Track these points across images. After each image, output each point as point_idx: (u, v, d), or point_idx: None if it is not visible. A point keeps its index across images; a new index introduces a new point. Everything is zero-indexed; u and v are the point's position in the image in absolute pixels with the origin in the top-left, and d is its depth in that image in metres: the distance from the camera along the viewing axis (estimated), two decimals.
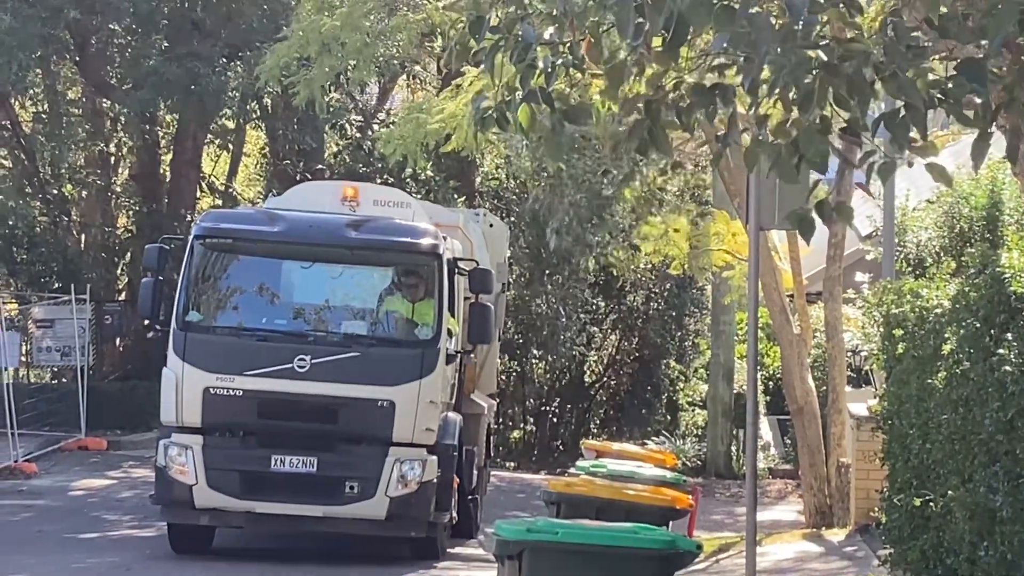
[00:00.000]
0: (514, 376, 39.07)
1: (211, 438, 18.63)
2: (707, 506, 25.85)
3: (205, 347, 18.83)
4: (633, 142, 8.64)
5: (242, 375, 18.55)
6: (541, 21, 8.86)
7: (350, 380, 18.57)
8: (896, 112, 7.17)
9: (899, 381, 15.64)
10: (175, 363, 18.78)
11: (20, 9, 32.44)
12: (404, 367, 18.71)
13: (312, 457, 18.52)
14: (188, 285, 19.17)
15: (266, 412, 18.58)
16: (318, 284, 19.90)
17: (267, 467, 18.55)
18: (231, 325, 19.33)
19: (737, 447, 35.00)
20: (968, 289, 13.27)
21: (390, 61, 30.98)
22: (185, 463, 18.41)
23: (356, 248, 19.22)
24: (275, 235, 19.21)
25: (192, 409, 18.56)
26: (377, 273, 19.95)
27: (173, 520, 19.07)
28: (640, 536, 10.97)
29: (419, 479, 18.48)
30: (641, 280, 38.18)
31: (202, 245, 19.31)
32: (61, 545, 20.14)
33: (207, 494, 18.44)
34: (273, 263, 19.75)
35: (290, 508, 18.53)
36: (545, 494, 17.32)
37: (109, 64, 37.26)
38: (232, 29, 34.88)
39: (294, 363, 18.55)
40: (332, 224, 19.49)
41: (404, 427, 18.51)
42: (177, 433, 18.66)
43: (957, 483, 13.25)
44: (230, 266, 19.76)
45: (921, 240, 27.58)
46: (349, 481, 18.49)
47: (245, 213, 21.58)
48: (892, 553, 16.11)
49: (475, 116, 9.82)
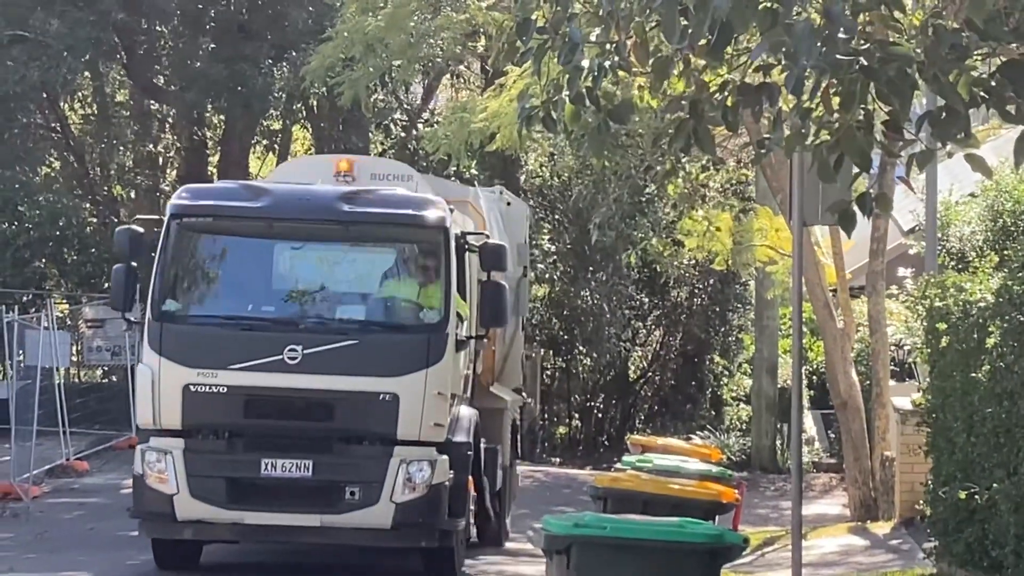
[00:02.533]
0: (559, 372, 39.11)
1: (193, 441, 16.39)
2: (752, 500, 25.86)
3: (184, 339, 16.61)
4: (679, 140, 8.71)
5: (226, 369, 16.33)
6: (587, 21, 8.93)
7: (348, 372, 16.29)
8: (940, 110, 7.22)
9: (943, 375, 15.64)
10: (151, 358, 16.54)
11: (69, 13, 32.65)
12: (408, 355, 16.42)
13: (307, 460, 16.30)
14: (164, 271, 16.82)
15: (254, 410, 16.41)
16: (310, 265, 17.71)
17: (256, 472, 16.30)
18: (213, 314, 17.00)
19: (781, 441, 34.98)
20: (1012, 283, 13.28)
21: (434, 61, 31.09)
22: (165, 470, 16.21)
23: (351, 223, 16.90)
24: (260, 211, 16.88)
25: (171, 409, 16.34)
26: (376, 251, 17.78)
27: (153, 535, 16.93)
28: (687, 530, 10.97)
29: (428, 482, 16.18)
30: (685, 276, 38.11)
31: (178, 225, 16.96)
32: (114, 542, 19.85)
33: (190, 504, 16.22)
34: (258, 243, 17.51)
35: (284, 518, 16.30)
36: (591, 489, 17.12)
37: (157, 66, 37.41)
38: (278, 31, 34.97)
39: (284, 354, 16.28)
40: (324, 197, 17.24)
41: (410, 423, 16.24)
42: (155, 437, 16.46)
43: (1002, 476, 13.26)
44: (210, 247, 17.49)
45: (964, 234, 27.57)
46: (349, 486, 16.21)
47: (226, 187, 18.64)
48: (937, 546, 16.11)
49: (521, 115, 9.91)
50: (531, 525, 12.33)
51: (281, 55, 34.74)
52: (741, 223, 31.06)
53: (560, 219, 37.77)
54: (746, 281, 36.98)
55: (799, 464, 14.89)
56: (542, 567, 12.19)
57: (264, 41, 35.07)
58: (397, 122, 38.49)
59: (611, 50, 9.09)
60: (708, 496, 16.09)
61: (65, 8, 32.74)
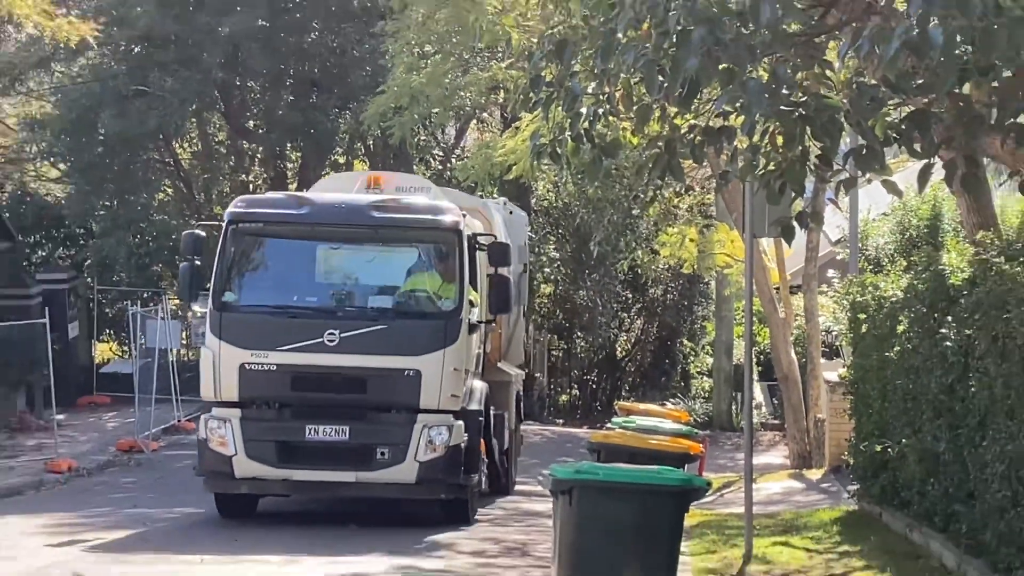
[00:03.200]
0: (562, 353, 39.05)
1: (248, 411, 15.75)
2: (713, 453, 25.80)
3: (240, 325, 15.93)
4: (656, 171, 8.69)
5: (275, 350, 15.71)
6: (585, 77, 8.92)
7: (378, 352, 15.66)
8: (861, 148, 7.21)
9: (863, 354, 15.62)
10: (212, 342, 15.98)
11: (180, 72, 32.71)
12: (429, 338, 15.75)
13: (344, 426, 15.67)
14: (222, 268, 16.19)
15: (299, 385, 15.74)
16: (345, 262, 16.90)
17: (302, 437, 15.70)
18: (264, 304, 16.25)
19: (736, 406, 34.89)
20: (916, 282, 13.26)
21: (464, 109, 31.06)
22: (225, 435, 15.63)
23: (380, 227, 16.27)
24: (303, 217, 16.31)
25: (229, 384, 15.74)
26: (401, 250, 16.82)
27: (215, 490, 16.27)
28: (663, 476, 10.94)
29: (446, 443, 15.58)
30: (660, 277, 38.02)
31: (234, 229, 16.33)
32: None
33: (246, 464, 15.66)
34: (302, 244, 16.69)
35: (325, 475, 15.69)
36: (588, 444, 16.90)
37: (248, 114, 37.42)
38: (342, 86, 35.01)
39: (324, 337, 15.66)
40: (357, 205, 16.47)
41: (430, 394, 15.62)
42: (216, 407, 15.87)
43: (909, 433, 13.24)
44: (261, 248, 16.69)
45: (879, 244, 27.52)
46: (380, 448, 15.63)
47: (275, 198, 17.71)
48: (858, 488, 16.09)
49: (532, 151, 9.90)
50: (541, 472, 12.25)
51: (345, 105, 34.75)
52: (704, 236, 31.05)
53: (563, 233, 37.70)
54: (708, 281, 36.88)
55: (750, 424, 14.89)
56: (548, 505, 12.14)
57: (331, 94, 35.08)
58: (435, 157, 38.40)
59: (603, 100, 9.09)
60: (679, 449, 16.03)
61: (177, 69, 32.80)
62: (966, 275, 11.53)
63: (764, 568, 13.19)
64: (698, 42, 6.74)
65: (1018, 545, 9.94)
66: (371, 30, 32.37)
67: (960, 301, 11.43)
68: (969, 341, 11.04)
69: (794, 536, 15.05)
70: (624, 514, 10.33)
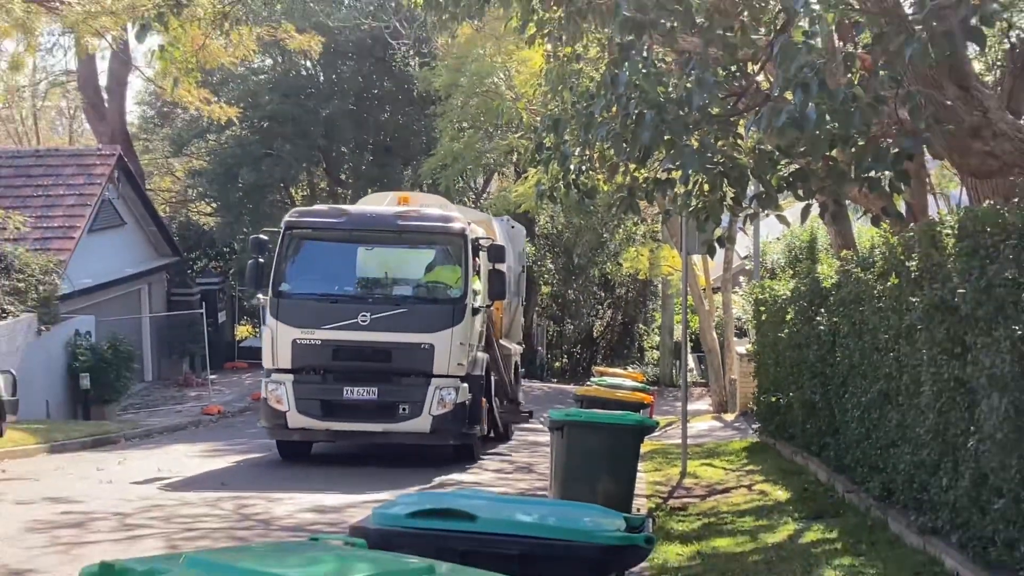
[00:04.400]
0: (555, 333, 39.09)
1: (299, 376, 14.56)
2: (660, 402, 25.82)
3: (292, 309, 14.62)
4: (621, 208, 8.71)
5: (320, 328, 14.48)
6: (573, 144, 8.95)
7: (400, 329, 14.44)
8: (762, 193, 7.23)
9: (762, 335, 15.60)
10: (271, 322, 14.74)
11: (294, 141, 32.94)
12: (440, 318, 14.57)
13: (373, 388, 14.46)
14: (280, 263, 14.97)
15: (338, 355, 14.49)
16: (375, 260, 15.49)
17: (340, 396, 14.48)
18: (311, 292, 14.81)
19: (675, 370, 34.88)
20: (799, 285, 13.25)
21: (489, 166, 31.13)
22: (281, 396, 14.50)
23: (403, 232, 15.03)
24: (342, 224, 15.08)
25: (284, 355, 14.55)
26: (419, 250, 15.48)
27: (274, 438, 15.04)
28: (626, 418, 10.86)
29: (455, 401, 14.47)
30: (623, 281, 38.05)
31: (289, 234, 15.04)
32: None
33: (297, 418, 14.50)
34: (342, 246, 15.19)
35: (358, 426, 14.51)
36: (574, 396, 16.87)
37: (341, 169, 37.48)
38: (405, 150, 35.15)
39: (358, 318, 14.47)
40: (385, 215, 15.32)
41: (441, 363, 14.47)
42: (275, 373, 14.67)
43: (794, 389, 13.24)
44: (310, 248, 15.17)
45: (774, 259, 27.43)
46: (402, 404, 14.45)
47: (321, 209, 16.14)
48: (759, 427, 16.08)
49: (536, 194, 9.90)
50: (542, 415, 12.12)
51: (407, 163, 34.85)
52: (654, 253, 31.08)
53: (557, 251, 37.72)
54: (657, 284, 36.89)
55: (685, 382, 14.86)
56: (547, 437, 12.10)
57: (399, 155, 35.18)
58: (469, 199, 38.27)
59: (585, 160, 9.13)
60: (637, 399, 16.00)
61: (293, 138, 33.03)
62: (834, 280, 11.53)
63: (694, 481, 13.19)
64: (650, 121, 6.76)
65: (869, 465, 9.95)
66: (425, 111, 32.50)
67: (830, 298, 11.42)
68: (836, 326, 11.04)
69: (715, 459, 15.04)
70: (599, 443, 10.28)
